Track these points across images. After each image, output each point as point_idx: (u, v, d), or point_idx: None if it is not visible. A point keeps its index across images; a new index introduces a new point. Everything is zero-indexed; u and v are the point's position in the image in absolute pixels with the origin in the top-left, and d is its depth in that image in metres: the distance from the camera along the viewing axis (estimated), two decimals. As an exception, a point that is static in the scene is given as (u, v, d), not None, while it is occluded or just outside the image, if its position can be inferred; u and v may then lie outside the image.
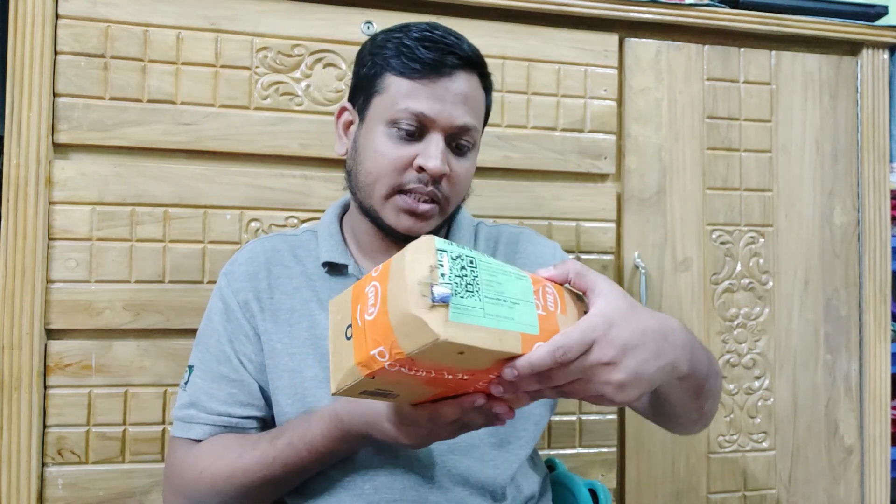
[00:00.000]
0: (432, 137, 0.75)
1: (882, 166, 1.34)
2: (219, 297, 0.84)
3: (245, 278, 0.83)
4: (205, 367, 0.81)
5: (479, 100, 0.79)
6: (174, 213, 1.06)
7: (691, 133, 1.28)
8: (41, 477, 1.01)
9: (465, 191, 0.81)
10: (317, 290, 0.82)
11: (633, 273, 1.23)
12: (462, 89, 0.76)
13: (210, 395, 0.79)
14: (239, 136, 1.08)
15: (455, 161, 0.78)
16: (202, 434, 0.79)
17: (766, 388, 1.29)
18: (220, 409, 0.79)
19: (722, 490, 1.27)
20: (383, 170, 0.76)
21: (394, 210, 0.77)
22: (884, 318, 1.33)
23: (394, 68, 0.76)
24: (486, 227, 0.93)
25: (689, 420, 0.76)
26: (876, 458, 1.32)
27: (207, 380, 0.80)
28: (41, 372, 1.01)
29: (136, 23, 1.05)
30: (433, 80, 0.74)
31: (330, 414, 0.71)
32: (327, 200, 1.10)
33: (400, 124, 0.75)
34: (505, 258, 0.88)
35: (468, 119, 0.76)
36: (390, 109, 0.75)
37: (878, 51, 1.34)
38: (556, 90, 1.21)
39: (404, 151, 0.75)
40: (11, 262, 0.99)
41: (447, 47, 0.75)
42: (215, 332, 0.82)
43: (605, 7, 1.20)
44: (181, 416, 0.80)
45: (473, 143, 0.79)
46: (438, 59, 0.74)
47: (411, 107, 0.74)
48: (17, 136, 1.00)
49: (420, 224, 0.77)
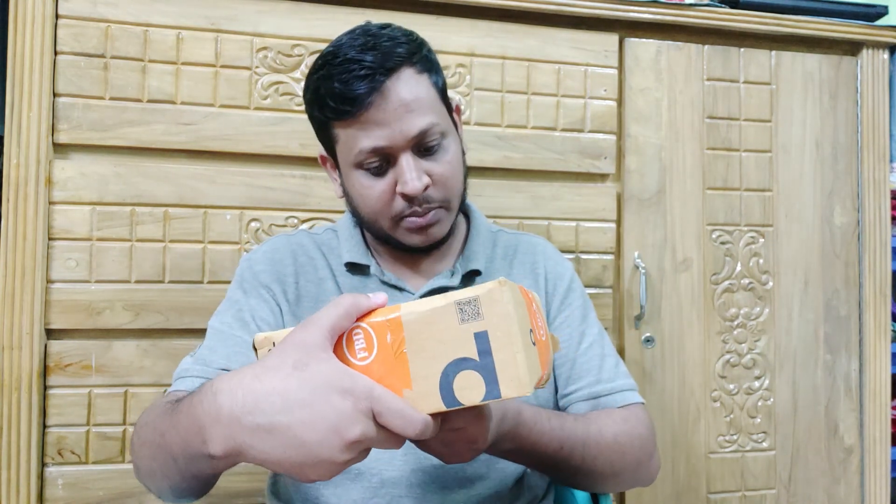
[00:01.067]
0: (401, 160, 0.74)
1: (882, 166, 1.34)
2: (239, 278, 0.82)
3: (268, 263, 0.82)
4: (217, 332, 0.77)
5: (422, 92, 0.75)
6: (174, 213, 1.06)
7: (691, 133, 1.28)
8: (41, 477, 1.01)
9: (457, 183, 0.79)
10: (340, 286, 0.82)
11: (633, 273, 1.23)
12: (400, 97, 0.72)
13: (213, 350, 0.75)
14: (239, 136, 1.08)
15: (432, 164, 0.76)
16: (190, 386, 0.70)
17: (766, 388, 1.29)
18: (219, 361, 0.73)
19: (722, 490, 1.27)
20: (375, 207, 0.77)
21: (404, 234, 0.78)
22: (884, 318, 1.33)
23: (332, 117, 0.75)
24: (506, 235, 0.92)
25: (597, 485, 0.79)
26: (876, 458, 1.32)
27: (216, 340, 0.76)
28: (41, 372, 1.01)
29: (136, 23, 1.05)
30: (370, 109, 0.72)
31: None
32: (327, 200, 1.11)
33: (365, 165, 0.75)
34: (522, 267, 0.88)
35: (420, 122, 0.73)
36: (350, 156, 0.75)
37: (878, 51, 1.34)
38: (556, 90, 1.21)
39: (383, 185, 0.75)
40: (11, 262, 0.99)
41: (368, 69, 0.71)
42: (235, 304, 0.79)
43: (605, 7, 1.20)
44: (176, 372, 0.74)
45: (441, 134, 0.76)
46: (365, 88, 0.71)
47: (365, 147, 0.73)
48: (17, 136, 1.00)
49: (432, 232, 0.78)
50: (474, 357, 0.48)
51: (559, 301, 0.87)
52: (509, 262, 0.88)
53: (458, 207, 0.82)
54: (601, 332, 0.88)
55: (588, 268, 1.21)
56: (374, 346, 0.50)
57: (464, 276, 0.83)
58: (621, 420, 0.78)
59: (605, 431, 0.75)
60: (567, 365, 0.84)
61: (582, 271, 1.21)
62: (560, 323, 0.85)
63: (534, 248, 0.90)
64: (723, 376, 1.27)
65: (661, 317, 1.25)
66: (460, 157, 0.81)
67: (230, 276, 1.06)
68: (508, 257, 0.89)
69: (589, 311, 0.89)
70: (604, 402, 0.82)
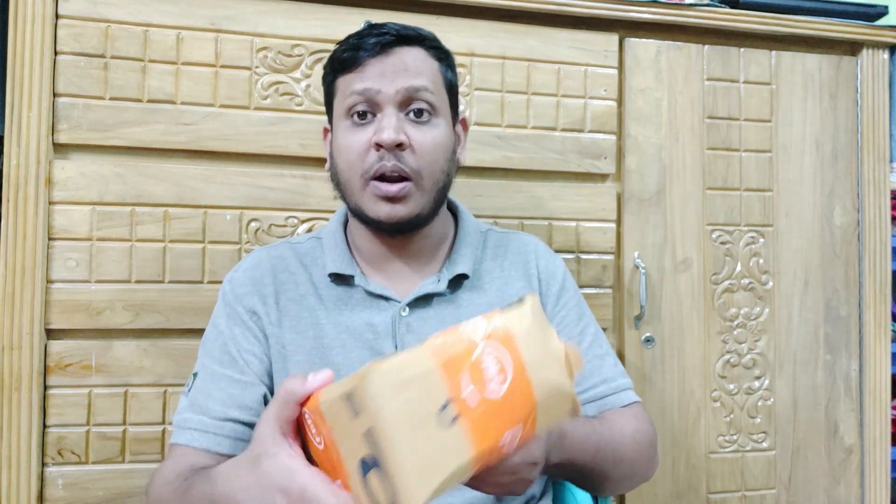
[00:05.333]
0: (385, 112, 0.76)
1: (882, 166, 1.34)
2: (223, 303, 0.83)
3: (249, 283, 0.82)
4: (208, 371, 0.79)
5: (426, 67, 0.78)
6: (174, 213, 1.06)
7: (691, 133, 1.28)
8: (41, 477, 1.01)
9: (438, 164, 0.78)
10: (323, 299, 0.81)
11: (633, 273, 1.23)
12: (403, 60, 0.76)
13: (208, 395, 0.77)
14: (239, 136, 1.08)
15: (415, 129, 0.76)
16: (191, 440, 0.75)
17: (766, 388, 1.29)
18: (217, 408, 0.76)
19: (722, 490, 1.27)
20: (350, 160, 0.77)
21: (371, 199, 0.76)
22: (884, 318, 1.33)
23: (339, 69, 0.79)
24: (496, 234, 0.91)
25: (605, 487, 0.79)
26: (876, 458, 1.32)
27: (209, 381, 0.78)
28: (41, 372, 1.01)
29: (136, 23, 1.05)
30: (372, 61, 0.76)
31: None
32: (327, 200, 1.11)
33: (353, 109, 0.76)
34: (513, 268, 0.87)
35: (413, 81, 0.76)
36: (343, 104, 0.78)
37: (878, 51, 1.34)
38: (556, 90, 1.21)
39: (362, 136, 0.76)
40: (11, 262, 0.99)
41: (383, 31, 0.77)
42: (220, 336, 0.80)
43: (605, 7, 1.20)
44: (177, 420, 0.78)
45: (431, 106, 0.77)
46: (374, 41, 0.76)
47: (356, 88, 0.76)
48: (17, 136, 1.00)
49: (398, 207, 0.76)
50: (371, 457, 0.41)
51: (553, 301, 0.86)
52: (500, 263, 0.87)
53: (434, 197, 0.79)
54: (597, 329, 0.88)
55: (588, 268, 1.21)
56: (321, 431, 0.45)
57: (451, 280, 0.82)
58: (633, 419, 0.80)
59: (626, 431, 0.77)
60: None
61: (582, 271, 1.21)
62: (557, 324, 0.85)
63: (525, 247, 0.89)
64: (723, 376, 1.27)
65: (661, 317, 1.25)
66: (449, 144, 0.80)
67: (230, 276, 1.07)
68: (499, 258, 0.88)
69: (584, 308, 0.89)
70: (609, 402, 0.82)
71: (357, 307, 0.81)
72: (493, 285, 0.85)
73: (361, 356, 0.78)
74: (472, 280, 0.84)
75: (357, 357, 0.78)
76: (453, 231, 0.88)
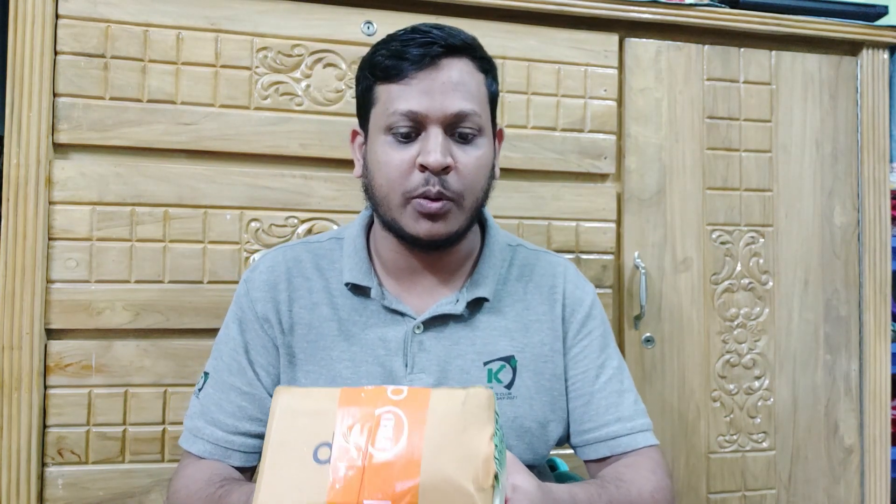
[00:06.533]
0: (430, 132, 0.72)
1: (882, 166, 1.34)
2: (237, 305, 0.81)
3: (265, 288, 0.80)
4: (218, 377, 0.79)
5: (473, 83, 0.75)
6: (174, 213, 1.06)
7: (691, 133, 1.28)
8: (41, 477, 1.01)
9: (479, 183, 0.76)
10: (337, 308, 0.80)
11: (633, 273, 1.23)
12: (451, 77, 0.73)
13: (219, 406, 0.78)
14: (239, 136, 1.08)
15: (460, 151, 0.74)
16: (203, 451, 0.77)
17: (766, 388, 1.29)
18: (227, 421, 0.77)
19: (722, 490, 1.27)
20: (391, 177, 0.73)
21: (411, 217, 0.74)
22: (884, 318, 1.33)
23: (380, 77, 0.74)
24: (525, 252, 0.87)
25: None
26: (876, 458, 1.32)
27: (219, 389, 0.79)
28: (41, 372, 1.01)
29: (136, 23, 1.05)
30: (418, 75, 0.72)
31: None
32: (327, 200, 1.11)
33: (396, 128, 0.73)
34: (538, 291, 0.83)
35: (462, 104, 0.73)
36: (385, 117, 0.74)
37: (878, 51, 1.34)
38: (556, 90, 1.21)
39: (405, 154, 0.73)
40: (11, 262, 0.99)
41: (429, 40, 0.73)
42: (231, 341, 0.80)
43: (605, 7, 1.20)
44: (189, 426, 0.79)
45: (478, 128, 0.75)
46: (420, 53, 0.72)
47: (401, 108, 0.72)
48: (17, 136, 1.00)
49: (438, 225, 0.74)
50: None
51: (576, 328, 0.83)
52: (524, 284, 0.84)
53: (471, 215, 0.77)
54: (621, 365, 0.84)
55: (588, 268, 1.21)
56: None
57: (469, 303, 0.79)
58: (651, 473, 0.76)
59: (644, 493, 0.74)
60: (583, 399, 0.81)
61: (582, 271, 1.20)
62: (577, 353, 0.82)
63: (553, 269, 0.85)
64: (723, 376, 1.27)
65: (661, 317, 1.25)
66: (490, 162, 0.78)
67: (230, 276, 1.07)
68: (524, 279, 0.84)
69: (609, 340, 0.84)
70: (622, 444, 0.79)
71: (371, 320, 0.79)
72: (513, 309, 0.82)
73: (371, 371, 0.77)
74: (493, 303, 0.81)
75: (366, 372, 0.77)
76: (479, 245, 0.84)
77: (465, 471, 0.43)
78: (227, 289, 1.06)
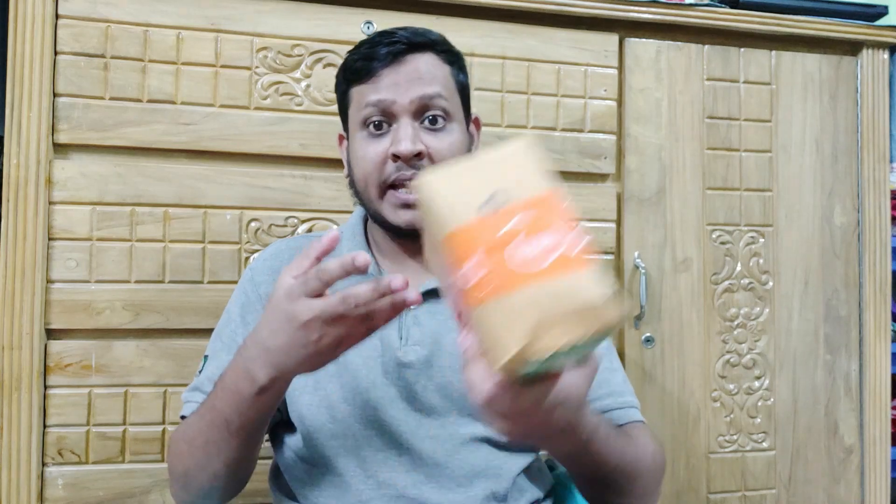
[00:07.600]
0: (400, 123, 0.76)
1: (882, 166, 1.34)
2: (241, 289, 0.85)
3: (269, 271, 0.84)
4: (217, 358, 0.81)
5: (439, 73, 0.79)
6: (174, 213, 1.06)
7: (691, 133, 1.28)
8: (41, 477, 1.01)
9: None
10: (335, 287, 0.81)
11: (633, 273, 1.23)
12: (417, 68, 0.77)
13: (212, 381, 0.77)
14: (239, 136, 1.08)
15: (431, 138, 0.77)
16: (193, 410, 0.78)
17: (766, 388, 1.29)
18: None
19: (722, 490, 1.27)
20: (367, 170, 0.78)
21: (391, 208, 0.78)
22: (884, 318, 1.33)
23: (353, 79, 0.79)
24: None
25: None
26: (876, 458, 1.32)
27: (216, 370, 0.78)
28: (41, 372, 1.01)
29: (136, 23, 1.05)
30: (384, 71, 0.77)
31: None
32: (327, 200, 1.11)
33: (368, 121, 0.77)
34: None
35: (428, 89, 0.77)
36: (358, 114, 0.79)
37: (878, 51, 1.34)
38: (556, 90, 1.21)
39: (379, 147, 0.77)
40: (11, 262, 0.99)
41: (395, 39, 0.77)
42: (231, 323, 0.83)
43: (605, 7, 1.20)
44: (187, 397, 0.81)
45: (445, 113, 0.78)
46: (387, 51, 0.77)
47: (370, 100, 0.77)
48: (17, 136, 1.00)
49: (418, 213, 0.74)
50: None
51: None
52: None
53: None
54: (610, 346, 0.88)
55: (588, 268, 1.21)
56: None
57: None
58: (649, 440, 0.79)
59: (647, 450, 0.76)
60: None
61: (582, 271, 1.21)
62: None
63: None
64: (723, 376, 1.27)
65: (661, 317, 1.25)
66: (464, 149, 0.81)
67: (230, 276, 1.07)
68: None
69: None
70: (615, 416, 0.81)
71: None
72: None
73: (367, 343, 0.78)
74: None
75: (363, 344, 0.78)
76: None
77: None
78: (227, 289, 1.06)
